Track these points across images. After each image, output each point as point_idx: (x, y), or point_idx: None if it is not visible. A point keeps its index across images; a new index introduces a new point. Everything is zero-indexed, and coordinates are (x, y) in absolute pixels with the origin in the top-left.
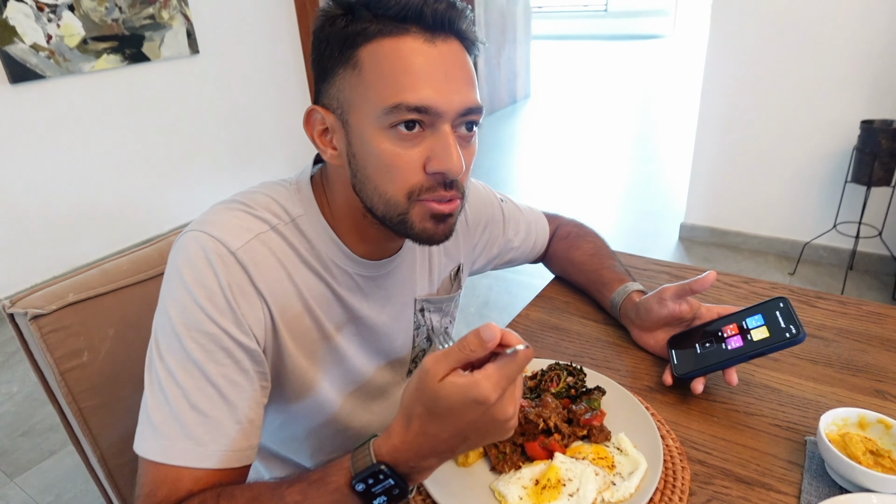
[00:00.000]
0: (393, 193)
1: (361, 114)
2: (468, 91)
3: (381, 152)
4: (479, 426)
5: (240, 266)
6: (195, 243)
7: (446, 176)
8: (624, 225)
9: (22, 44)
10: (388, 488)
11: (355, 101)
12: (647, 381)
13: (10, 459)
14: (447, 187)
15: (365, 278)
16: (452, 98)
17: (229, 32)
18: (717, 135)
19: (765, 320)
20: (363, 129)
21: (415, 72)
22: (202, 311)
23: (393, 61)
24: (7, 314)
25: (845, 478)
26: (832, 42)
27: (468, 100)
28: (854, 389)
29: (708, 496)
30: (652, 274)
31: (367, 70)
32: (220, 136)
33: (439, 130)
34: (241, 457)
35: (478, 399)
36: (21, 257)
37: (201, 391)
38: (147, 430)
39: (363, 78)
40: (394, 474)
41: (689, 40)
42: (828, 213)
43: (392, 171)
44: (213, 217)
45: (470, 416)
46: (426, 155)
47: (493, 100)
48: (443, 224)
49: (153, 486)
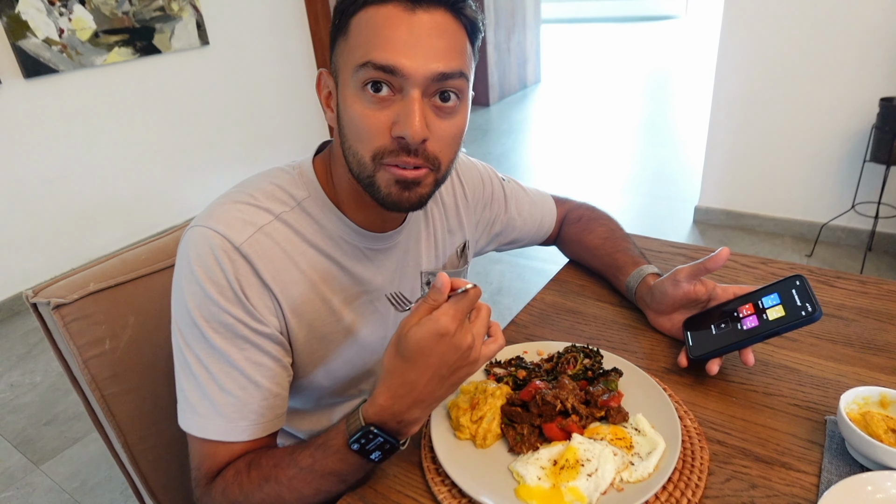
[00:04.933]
0: (362, 154)
1: (344, 77)
2: (443, 58)
3: (354, 113)
4: (446, 359)
5: (245, 260)
6: (202, 239)
7: (406, 140)
8: (638, 209)
9: (35, 38)
10: (381, 444)
11: (341, 65)
12: (664, 362)
13: (35, 447)
14: (411, 153)
15: (372, 251)
16: (421, 63)
17: (239, 23)
18: (732, 116)
19: (781, 299)
20: (345, 91)
21: (386, 34)
22: (216, 304)
23: (371, 26)
24: (30, 304)
25: (866, 456)
26: (849, 18)
27: (440, 66)
28: (875, 369)
29: (727, 476)
30: (667, 256)
31: (351, 36)
32: (231, 126)
33: (407, 95)
34: (270, 426)
35: (439, 331)
36: (42, 249)
37: (227, 374)
38: (186, 409)
39: (348, 43)
40: (382, 432)
41: (703, 20)
42: (846, 194)
43: (361, 132)
44: (217, 212)
45: (437, 350)
46: (392, 119)
47: (502, 85)
48: (408, 192)
49: (200, 459)
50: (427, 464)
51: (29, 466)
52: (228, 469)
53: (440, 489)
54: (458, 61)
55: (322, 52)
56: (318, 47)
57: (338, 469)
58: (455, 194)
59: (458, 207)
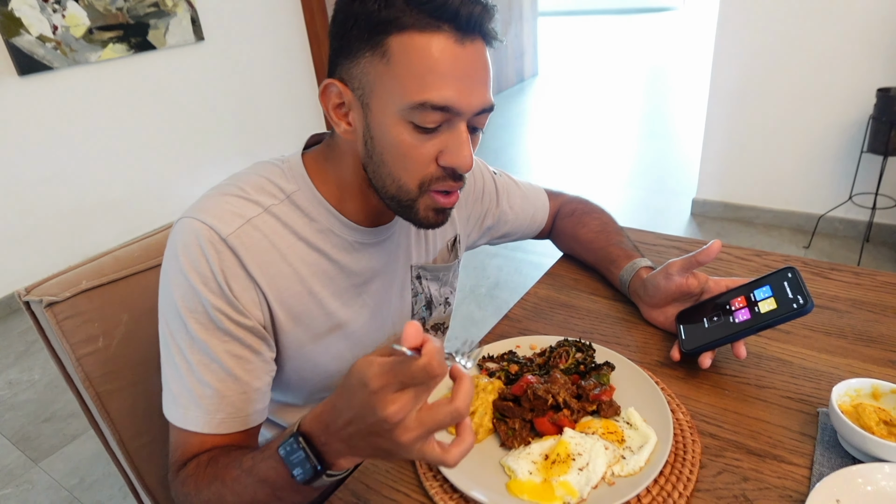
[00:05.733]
0: (406, 181)
1: (385, 102)
2: (487, 91)
3: (400, 143)
4: (361, 413)
5: (231, 251)
6: (190, 230)
7: (456, 170)
8: (635, 202)
9: (28, 35)
10: (303, 460)
11: (379, 89)
12: (657, 356)
13: (34, 445)
14: (455, 179)
15: (362, 244)
16: (473, 99)
17: (234, 18)
18: (729, 108)
19: (772, 292)
20: (384, 116)
21: (443, 72)
22: (198, 295)
23: (423, 58)
24: (23, 302)
25: (858, 448)
26: (846, 9)
27: (486, 100)
28: (868, 360)
29: (719, 469)
30: (662, 249)
31: (395, 61)
32: (226, 123)
33: (455, 127)
34: (247, 420)
35: (362, 378)
36: (35, 247)
37: (207, 367)
38: (169, 398)
39: (391, 68)
40: (309, 445)
41: (700, 12)
42: (843, 185)
43: (407, 161)
44: (206, 204)
45: (357, 397)
46: (440, 148)
47: (499, 78)
48: (442, 215)
49: (174, 446)
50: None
51: (28, 463)
52: (192, 461)
53: (432, 484)
54: (491, 90)
55: (318, 48)
56: (314, 43)
57: (269, 478)
58: None
59: None
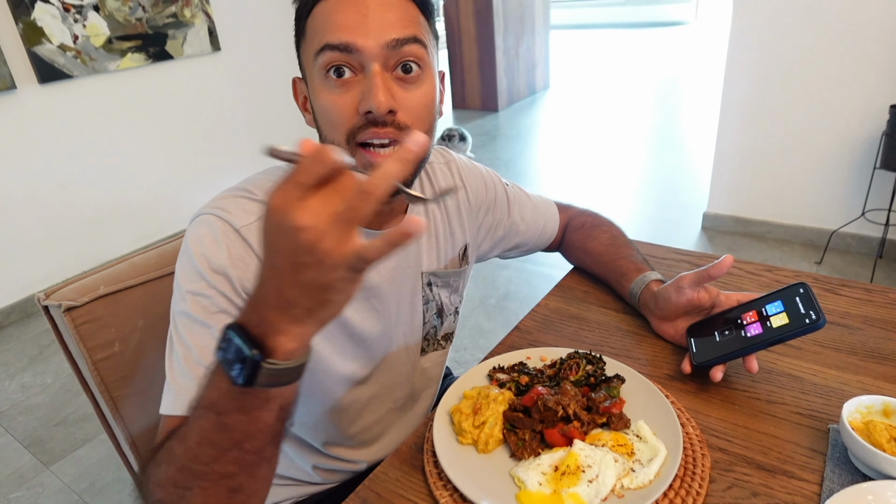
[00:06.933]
0: (336, 139)
1: (310, 71)
2: (395, 27)
3: (323, 102)
4: (281, 247)
5: (243, 241)
6: (203, 223)
7: (371, 112)
8: (646, 215)
9: (50, 44)
10: (237, 351)
11: (305, 63)
12: (667, 369)
13: (45, 448)
14: (380, 125)
15: None
16: (374, 35)
17: (250, 29)
18: (741, 122)
19: (784, 307)
20: (312, 85)
21: (336, 19)
22: (203, 278)
23: (322, 16)
24: (42, 306)
25: (869, 465)
26: (859, 24)
27: (393, 33)
28: (879, 377)
29: (728, 483)
30: (672, 263)
31: (308, 33)
32: (242, 132)
33: (369, 71)
34: None
35: (267, 215)
36: (54, 252)
37: (205, 349)
38: (167, 394)
39: (306, 40)
40: (242, 333)
41: (713, 26)
42: (856, 201)
43: (332, 118)
44: (219, 202)
45: (269, 230)
46: (358, 98)
47: (511, 90)
48: None
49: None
50: (429, 468)
51: (39, 467)
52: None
53: (442, 493)
54: (412, 28)
55: None
56: None
57: (210, 399)
58: (457, 197)
59: (461, 210)
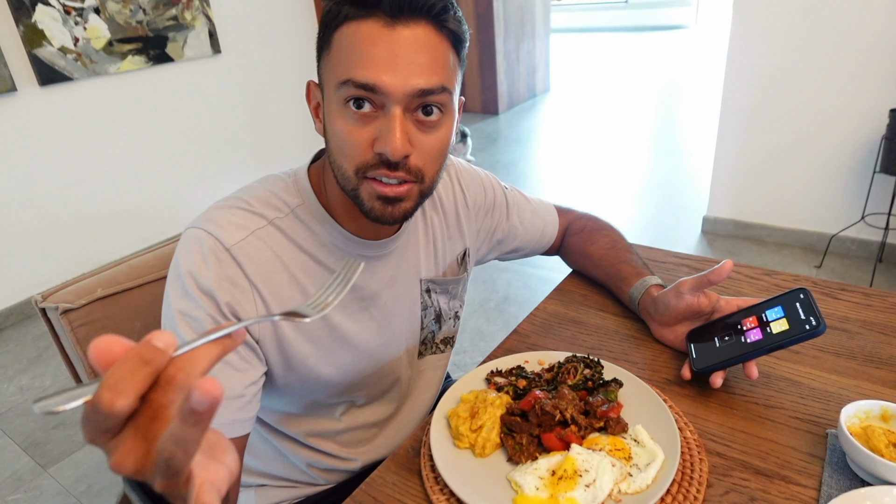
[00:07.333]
0: (346, 168)
1: (329, 92)
2: (424, 74)
3: (338, 129)
4: None
5: (233, 261)
6: (194, 239)
7: (385, 155)
8: (646, 219)
9: (50, 47)
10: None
11: (325, 80)
12: (665, 373)
13: (43, 451)
14: (391, 167)
15: (365, 258)
16: (402, 80)
17: (250, 32)
18: (741, 125)
19: (784, 312)
20: (329, 106)
21: (366, 52)
22: (190, 298)
23: (351, 42)
24: (39, 309)
25: (867, 471)
26: (858, 28)
27: (420, 82)
28: (878, 382)
29: (726, 488)
30: (671, 267)
31: (333, 51)
32: (242, 135)
33: (389, 112)
34: (228, 430)
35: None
36: (52, 254)
37: None
38: None
39: (331, 58)
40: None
41: (713, 30)
42: (856, 205)
43: (345, 147)
44: (213, 215)
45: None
46: (374, 135)
47: (511, 94)
48: (391, 207)
49: None
50: (426, 472)
51: (37, 469)
52: None
53: (439, 498)
54: (440, 76)
55: None
56: None
57: None
58: (456, 201)
59: (459, 215)
